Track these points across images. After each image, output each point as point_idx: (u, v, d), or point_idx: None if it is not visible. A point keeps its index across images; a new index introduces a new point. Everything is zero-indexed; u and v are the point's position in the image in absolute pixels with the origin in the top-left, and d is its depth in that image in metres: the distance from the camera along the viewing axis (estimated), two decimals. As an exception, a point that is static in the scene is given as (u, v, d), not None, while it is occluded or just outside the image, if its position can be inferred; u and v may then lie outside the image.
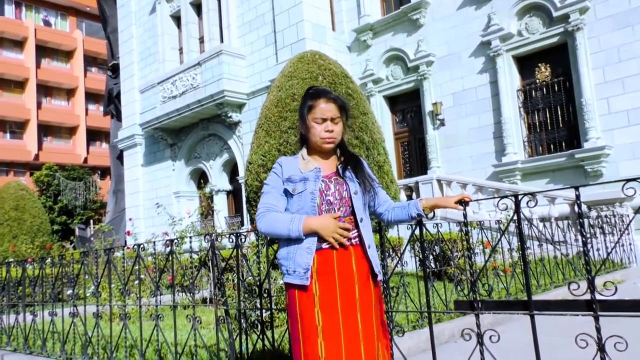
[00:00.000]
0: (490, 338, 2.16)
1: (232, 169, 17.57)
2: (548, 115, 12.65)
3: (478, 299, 2.25)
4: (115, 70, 23.19)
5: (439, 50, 14.24)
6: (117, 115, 23.06)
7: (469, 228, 2.69)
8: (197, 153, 18.27)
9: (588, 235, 8.24)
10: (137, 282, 4.07)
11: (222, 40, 17.01)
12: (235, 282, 3.40)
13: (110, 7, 23.17)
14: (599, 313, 1.87)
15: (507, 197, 2.20)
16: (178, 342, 3.57)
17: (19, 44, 38.64)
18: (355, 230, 2.16)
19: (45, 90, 39.73)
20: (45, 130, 39.39)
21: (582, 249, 1.92)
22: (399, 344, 2.73)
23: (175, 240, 3.64)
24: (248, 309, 3.73)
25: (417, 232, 2.58)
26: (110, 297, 4.17)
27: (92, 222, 31.73)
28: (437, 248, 7.30)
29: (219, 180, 17.58)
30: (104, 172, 38.95)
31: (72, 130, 40.75)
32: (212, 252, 3.50)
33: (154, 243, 3.91)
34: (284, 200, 2.17)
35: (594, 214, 9.19)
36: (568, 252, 7.56)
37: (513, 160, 12.50)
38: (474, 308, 2.25)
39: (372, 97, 15.40)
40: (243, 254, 3.38)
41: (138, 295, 3.95)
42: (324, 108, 2.17)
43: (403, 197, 12.24)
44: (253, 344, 3.39)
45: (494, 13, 13.05)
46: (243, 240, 3.34)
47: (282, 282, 4.43)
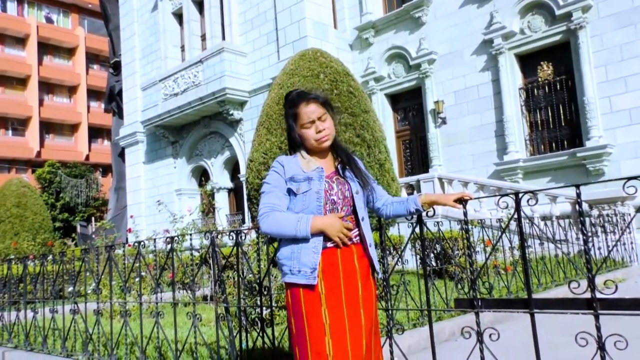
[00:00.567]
0: (490, 336, 2.16)
1: (233, 167, 17.58)
2: (550, 114, 12.62)
3: (478, 297, 2.25)
4: (117, 68, 23.21)
5: (441, 49, 14.22)
6: (118, 113, 23.08)
7: (470, 226, 2.69)
8: (198, 151, 18.28)
9: (589, 234, 8.23)
10: (137, 279, 4.08)
11: (223, 38, 17.00)
12: (236, 279, 3.40)
13: (112, 4, 23.18)
14: (599, 312, 1.87)
15: (507, 195, 2.19)
16: (178, 339, 3.57)
17: (21, 41, 38.67)
18: (357, 229, 2.18)
19: (47, 88, 39.77)
20: (47, 128, 39.44)
21: (583, 248, 1.92)
22: (399, 342, 2.73)
23: (176, 238, 3.64)
24: (248, 307, 3.73)
25: (417, 230, 2.57)
26: (111, 294, 4.18)
27: (93, 219, 31.78)
28: (438, 246, 7.30)
29: (221, 178, 17.59)
30: (106, 169, 39.00)
31: (74, 128, 40.80)
32: (212, 249, 3.50)
33: (155, 240, 3.91)
34: (287, 199, 2.16)
35: (596, 213, 9.18)
36: (569, 250, 7.56)
37: (515, 159, 12.48)
38: (474, 306, 2.24)
39: (373, 95, 15.38)
40: (243, 252, 3.38)
41: (139, 293, 3.95)
42: (308, 111, 2.17)
43: (404, 195, 12.23)
44: (253, 342, 3.39)
45: (497, 11, 13.01)
46: (243, 238, 3.34)
47: (282, 280, 4.43)
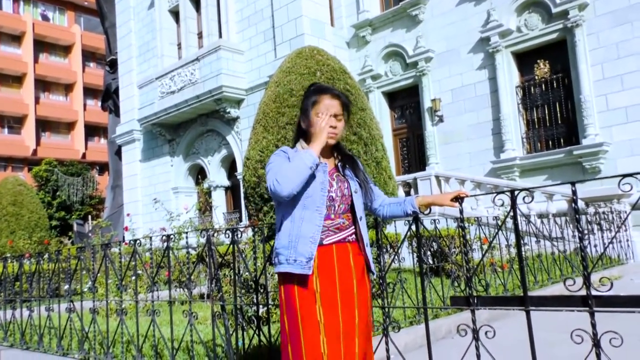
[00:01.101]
0: (486, 334, 2.16)
1: (230, 165, 17.56)
2: (547, 112, 12.64)
3: (474, 295, 2.25)
4: (113, 66, 23.12)
5: (438, 47, 14.22)
6: (115, 111, 23.01)
7: (467, 224, 2.68)
8: (195, 149, 18.25)
9: (585, 232, 8.25)
10: (134, 277, 4.07)
11: (220, 36, 16.95)
12: (232, 277, 3.40)
13: (108, 1, 23.07)
14: (595, 309, 1.87)
15: (503, 192, 2.19)
16: (175, 337, 3.57)
17: (17, 39, 38.51)
18: (353, 227, 2.18)
19: (44, 85, 39.62)
20: (44, 126, 39.31)
21: (579, 245, 1.92)
22: (396, 340, 2.73)
23: (173, 236, 3.63)
24: (245, 305, 3.73)
25: (414, 228, 2.57)
26: (107, 292, 4.17)
27: (90, 217, 31.68)
28: (434, 244, 7.30)
29: (217, 176, 17.57)
30: (102, 167, 38.91)
31: (70, 126, 40.67)
32: (209, 247, 3.49)
33: (151, 239, 3.90)
34: None
35: (592, 211, 9.21)
36: (566, 248, 7.58)
37: (511, 157, 12.50)
38: (470, 303, 2.24)
39: (370, 93, 15.37)
40: (240, 250, 3.38)
41: (135, 291, 3.94)
42: (329, 104, 2.17)
43: (401, 193, 12.23)
44: (250, 340, 3.38)
45: (494, 9, 13.02)
46: (240, 236, 3.33)
47: (276, 271, 4.42)
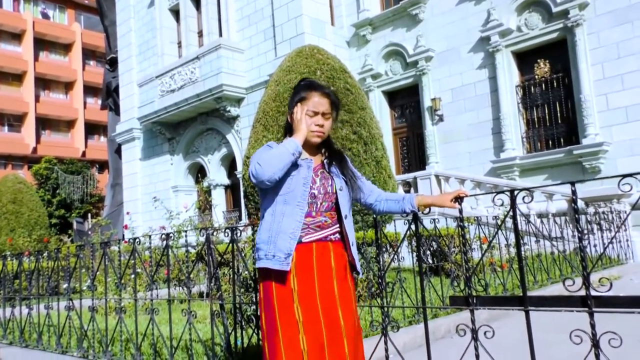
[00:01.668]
0: (485, 334, 2.16)
1: (230, 164, 17.56)
2: (547, 112, 12.64)
3: (473, 295, 2.25)
4: (113, 64, 23.10)
5: (438, 46, 14.21)
6: (115, 109, 23.00)
7: (466, 224, 2.68)
8: (195, 147, 18.24)
9: (585, 232, 8.25)
10: (133, 276, 4.07)
11: (220, 35, 16.94)
12: (231, 276, 3.40)
13: (108, 0, 23.05)
14: (594, 309, 1.87)
15: (503, 192, 2.19)
16: (173, 336, 3.57)
17: (17, 37, 38.47)
18: (337, 226, 2.14)
19: (44, 83, 39.60)
20: (44, 124, 39.28)
21: (578, 245, 1.92)
22: (394, 340, 2.73)
23: (172, 235, 3.62)
24: (244, 304, 3.72)
25: (413, 227, 2.57)
26: (106, 290, 4.17)
27: (90, 215, 31.68)
28: (434, 244, 7.30)
29: (217, 175, 17.57)
30: (102, 165, 38.90)
31: (70, 124, 40.65)
32: (208, 246, 3.49)
33: (151, 237, 3.90)
34: None
35: (592, 211, 9.20)
36: (566, 248, 7.57)
37: (511, 156, 12.49)
38: (469, 303, 2.24)
39: (370, 92, 15.37)
40: (239, 249, 3.37)
41: (134, 289, 3.94)
42: (318, 102, 2.14)
43: (401, 192, 12.23)
44: (248, 338, 3.38)
45: (494, 8, 13.01)
46: (239, 235, 3.33)
47: (256, 266, 4.42)
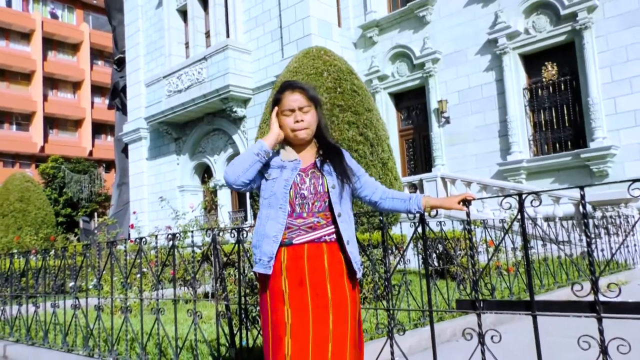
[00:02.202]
0: (492, 338, 2.14)
1: (236, 164, 17.56)
2: (554, 114, 12.58)
3: (480, 299, 2.24)
4: (121, 64, 23.21)
5: (445, 48, 14.18)
6: (122, 109, 23.10)
7: (473, 227, 2.68)
8: (201, 147, 18.29)
9: (592, 236, 8.20)
10: (139, 275, 4.08)
11: (228, 35, 16.98)
12: (237, 277, 3.40)
13: (117, 0, 23.16)
14: (602, 315, 1.85)
15: (510, 196, 2.18)
16: (179, 336, 3.57)
17: (26, 37, 38.72)
18: (332, 227, 2.08)
19: (52, 83, 39.83)
20: (51, 123, 39.51)
21: (586, 250, 1.90)
22: (400, 343, 2.72)
23: (178, 235, 3.63)
24: (249, 305, 3.72)
25: (420, 230, 2.56)
26: (112, 290, 4.18)
27: (96, 214, 31.84)
28: (440, 246, 7.28)
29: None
30: (109, 165, 39.06)
31: (77, 123, 40.86)
32: (214, 246, 3.50)
33: (157, 237, 3.91)
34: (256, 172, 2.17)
35: (599, 215, 9.14)
36: (572, 252, 7.53)
37: (518, 159, 12.44)
38: (476, 307, 2.23)
39: (377, 93, 15.35)
40: (245, 249, 3.37)
41: (140, 289, 3.95)
42: (290, 99, 2.14)
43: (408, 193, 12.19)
44: (253, 339, 3.38)
45: (501, 10, 12.97)
46: (245, 236, 3.33)
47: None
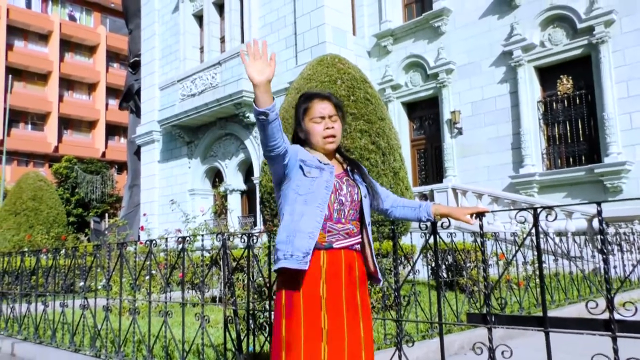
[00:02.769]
0: (503, 353, 2.11)
1: (247, 169, 17.63)
2: (568, 128, 12.47)
3: (491, 313, 2.20)
4: (136, 67, 23.44)
5: (460, 59, 14.15)
6: (136, 111, 23.30)
7: (484, 239, 2.64)
8: (213, 152, 18.37)
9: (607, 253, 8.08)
10: (147, 277, 4.09)
11: (242, 41, 17.10)
12: (245, 282, 3.39)
13: (134, 3, 23.44)
14: (617, 334, 1.82)
15: (525, 209, 2.15)
16: (186, 339, 3.56)
17: (44, 38, 39.29)
18: (359, 236, 2.12)
19: (68, 84, 40.33)
20: (66, 123, 39.96)
21: (598, 266, 1.87)
22: (408, 354, 2.69)
23: (188, 238, 3.64)
24: (257, 310, 3.71)
25: (431, 240, 2.54)
26: (121, 291, 4.19)
27: (107, 215, 32.07)
28: (449, 258, 7.22)
29: (234, 180, 17.65)
30: (121, 166, 39.37)
31: (91, 124, 41.30)
32: (223, 251, 3.49)
33: (166, 240, 3.91)
34: (289, 148, 2.04)
35: (612, 231, 9.02)
36: (584, 268, 7.43)
37: (531, 172, 12.34)
38: (487, 322, 2.20)
39: (390, 102, 15.34)
40: (254, 255, 3.37)
41: (148, 291, 3.96)
42: (320, 106, 2.14)
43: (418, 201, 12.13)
44: (260, 346, 3.37)
45: (517, 23, 12.92)
46: (255, 241, 3.33)
47: (275, 268, 4.40)
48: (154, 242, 3.89)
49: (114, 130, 42.28)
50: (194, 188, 18.59)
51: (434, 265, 2.54)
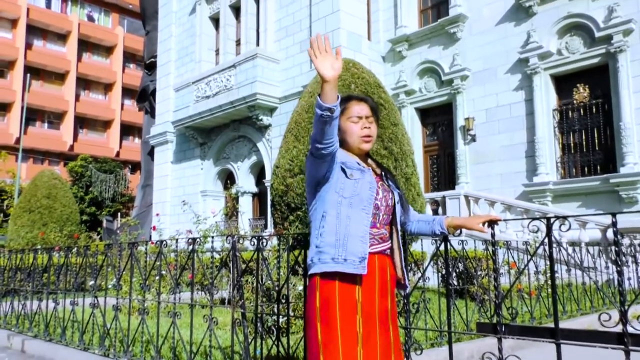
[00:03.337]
0: (512, 364, 2.08)
1: (259, 172, 17.67)
2: (584, 137, 12.33)
3: (502, 323, 2.17)
4: (151, 68, 23.65)
5: (475, 65, 14.07)
6: (151, 112, 23.50)
7: (496, 247, 2.61)
8: (226, 154, 18.45)
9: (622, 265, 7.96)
10: (157, 277, 4.10)
11: (258, 44, 17.17)
12: (254, 285, 3.39)
13: (152, 5, 23.68)
14: (631, 347, 1.78)
15: (538, 219, 2.12)
16: (193, 341, 3.57)
17: (63, 37, 39.84)
18: (389, 242, 2.15)
19: (84, 84, 40.84)
20: (82, 122, 40.45)
21: (612, 277, 1.83)
22: (416, 362, 2.67)
23: (198, 239, 3.64)
24: (265, 314, 3.70)
25: (442, 248, 2.52)
26: (131, 290, 4.21)
27: (119, 214, 32.34)
28: (460, 265, 7.16)
29: (246, 182, 17.70)
30: (135, 166, 39.73)
31: (107, 124, 41.74)
32: (233, 253, 3.49)
33: (177, 240, 3.93)
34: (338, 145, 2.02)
35: (627, 242, 8.89)
36: (598, 279, 7.33)
37: (545, 181, 12.21)
38: (497, 332, 2.17)
39: (403, 108, 15.29)
40: (264, 258, 3.36)
41: (158, 291, 3.97)
42: (357, 107, 2.18)
43: (429, 211, 12.07)
44: (268, 349, 3.36)
45: (534, 30, 12.82)
46: (265, 244, 3.32)
47: (301, 288, 4.39)
48: (165, 242, 3.91)
49: (129, 130, 42.70)
50: (206, 189, 18.68)
51: (445, 273, 2.52)
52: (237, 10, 18.52)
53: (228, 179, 18.79)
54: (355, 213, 1.99)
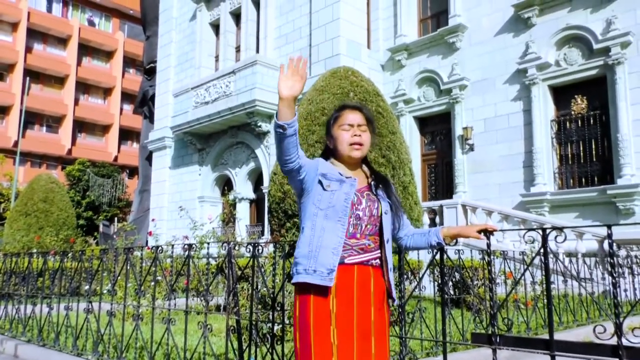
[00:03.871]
0: (507, 375, 2.07)
1: (257, 178, 17.66)
2: (581, 148, 12.37)
3: (497, 333, 2.17)
4: (151, 73, 23.69)
5: (473, 75, 14.13)
6: (149, 117, 23.52)
7: (492, 257, 2.61)
8: (224, 160, 18.44)
9: (618, 277, 7.96)
10: (153, 283, 4.09)
11: (257, 51, 17.22)
12: (250, 292, 3.37)
13: (153, 11, 23.75)
14: (625, 360, 1.77)
15: (534, 230, 2.12)
16: (188, 347, 3.55)
17: (63, 42, 39.92)
18: (379, 251, 2.11)
19: (84, 88, 40.86)
20: (80, 127, 40.44)
21: (608, 289, 1.83)
22: (411, 372, 2.65)
23: (194, 245, 3.63)
24: (260, 321, 3.69)
25: (437, 257, 2.51)
26: (125, 296, 4.19)
27: (116, 219, 32.24)
28: (457, 275, 7.15)
29: (243, 188, 17.68)
30: (132, 171, 39.67)
31: (105, 128, 41.73)
32: (229, 260, 3.48)
33: (173, 246, 3.91)
34: (308, 162, 2.09)
35: (623, 253, 8.89)
36: (594, 290, 7.32)
37: (542, 191, 12.23)
38: (492, 342, 2.16)
39: (402, 116, 15.33)
40: (259, 265, 3.35)
41: (152, 297, 3.95)
42: (350, 116, 2.20)
43: (426, 219, 12.07)
44: (262, 357, 3.34)
45: (533, 41, 12.89)
46: (260, 251, 3.31)
47: (293, 281, 4.37)
48: (161, 248, 3.90)
49: (127, 135, 42.69)
50: (204, 195, 18.65)
51: (440, 282, 2.51)
52: (237, 17, 18.59)
53: (226, 185, 18.77)
54: (330, 225, 2.02)
